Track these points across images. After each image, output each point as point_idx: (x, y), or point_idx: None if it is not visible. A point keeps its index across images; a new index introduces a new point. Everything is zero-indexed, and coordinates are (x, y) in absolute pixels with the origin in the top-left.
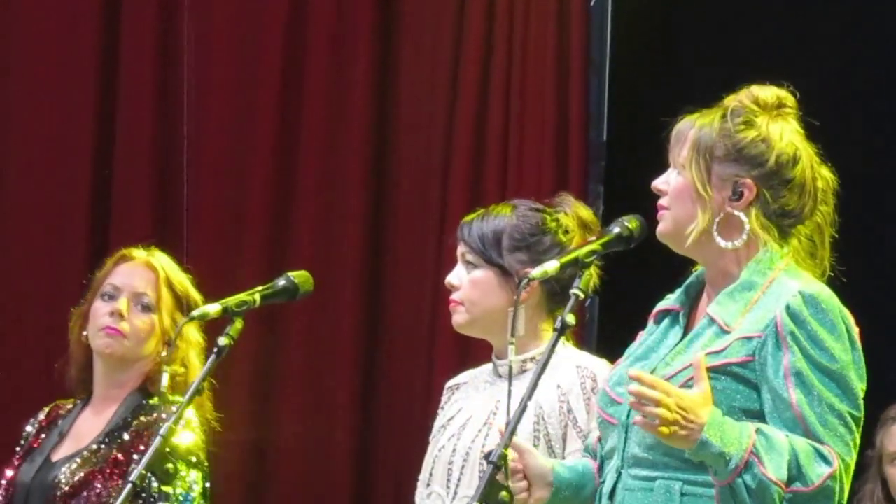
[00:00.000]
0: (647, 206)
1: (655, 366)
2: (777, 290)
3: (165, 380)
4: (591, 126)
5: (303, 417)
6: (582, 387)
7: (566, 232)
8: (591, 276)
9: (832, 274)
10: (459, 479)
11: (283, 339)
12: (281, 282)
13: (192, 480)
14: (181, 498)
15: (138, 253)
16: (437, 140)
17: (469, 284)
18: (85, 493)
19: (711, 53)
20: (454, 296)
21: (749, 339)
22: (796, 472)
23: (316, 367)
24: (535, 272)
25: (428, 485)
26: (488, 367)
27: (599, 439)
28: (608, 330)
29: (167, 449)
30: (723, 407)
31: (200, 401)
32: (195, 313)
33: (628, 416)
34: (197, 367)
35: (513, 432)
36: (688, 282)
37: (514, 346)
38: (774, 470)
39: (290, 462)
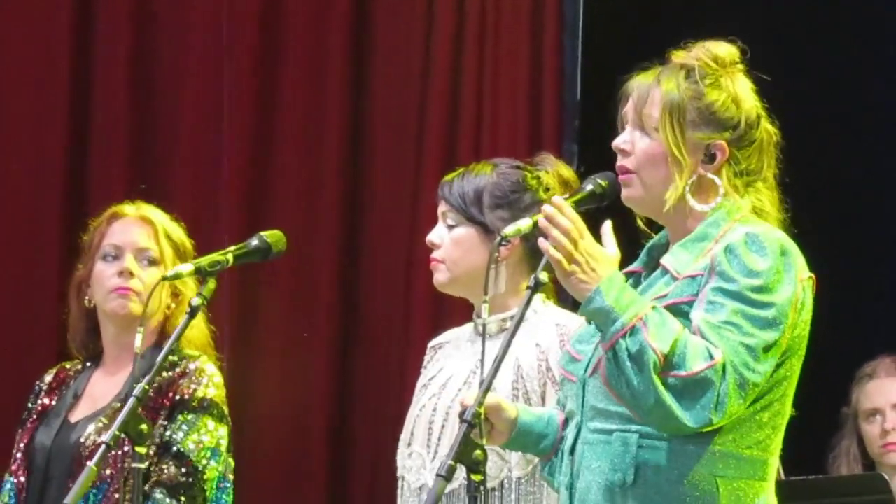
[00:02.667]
0: None
1: None
2: (727, 237)
3: (139, 340)
4: (565, 86)
5: (280, 381)
6: (560, 344)
7: (546, 189)
8: None
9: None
10: (440, 439)
11: (261, 299)
12: (254, 241)
13: (220, 435)
14: (209, 452)
15: (129, 209)
16: (411, 101)
17: (450, 243)
18: (112, 453)
19: (685, 12)
20: (435, 254)
21: (693, 277)
22: (680, 357)
23: (293, 327)
24: (509, 230)
25: (409, 444)
26: (470, 326)
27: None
28: None
29: (193, 404)
30: None
31: (208, 350)
32: (168, 273)
33: (585, 370)
34: (200, 320)
35: (487, 390)
36: (650, 243)
37: (487, 304)
38: (658, 341)
39: (268, 427)
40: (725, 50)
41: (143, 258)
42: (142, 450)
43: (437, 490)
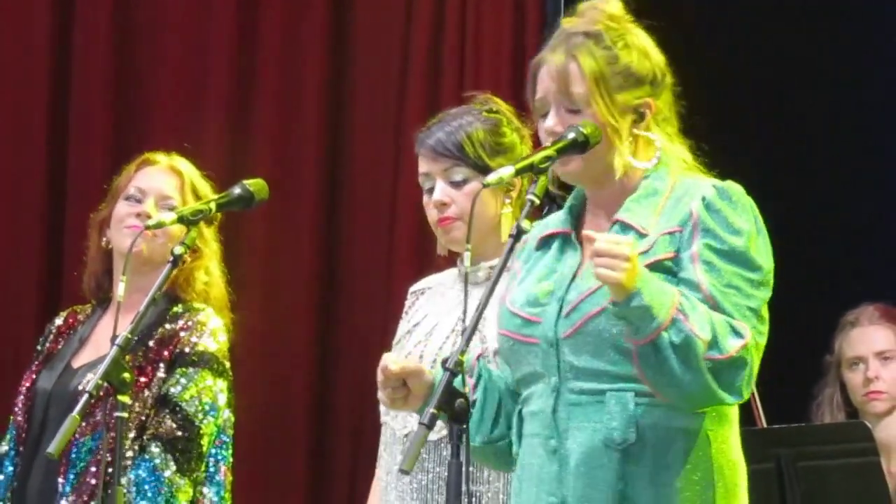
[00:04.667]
0: None
1: (568, 280)
2: (684, 189)
3: (121, 289)
4: (547, 37)
5: (261, 326)
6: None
7: (517, 129)
8: (546, 181)
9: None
10: None
11: (242, 250)
12: (236, 190)
13: (218, 389)
14: (207, 407)
15: (161, 157)
16: (393, 55)
17: (466, 198)
18: (110, 401)
19: None
20: (448, 213)
21: (672, 234)
22: (713, 339)
23: (275, 280)
24: (490, 178)
25: None
26: (453, 272)
27: (479, 357)
28: None
29: (193, 358)
30: None
31: (222, 307)
32: (150, 222)
33: (556, 332)
34: (217, 276)
35: (470, 337)
36: (569, 204)
37: (469, 252)
38: (699, 328)
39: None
40: (615, 6)
41: (164, 205)
42: (125, 398)
43: (420, 438)
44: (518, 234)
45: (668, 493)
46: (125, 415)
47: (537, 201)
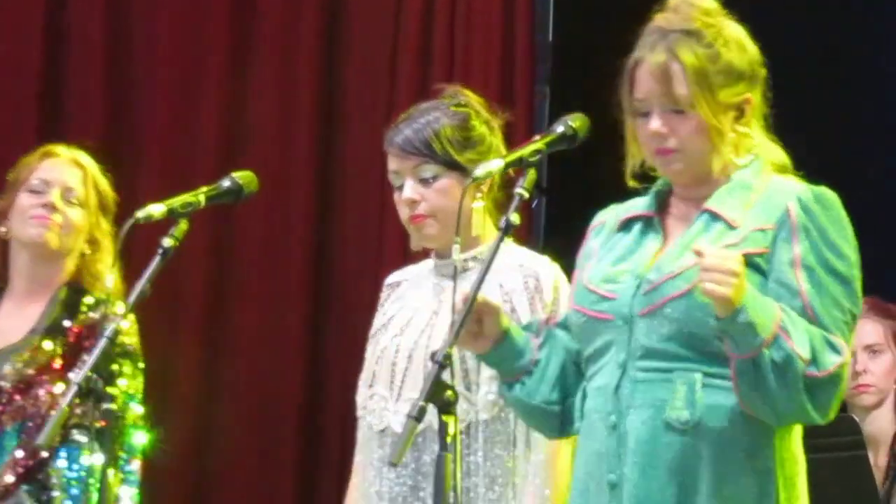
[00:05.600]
0: (591, 106)
1: (648, 261)
2: (776, 188)
3: (111, 281)
4: (537, 27)
5: (252, 321)
6: (525, 286)
7: (487, 122)
8: (535, 175)
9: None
10: (403, 380)
11: (234, 244)
12: (225, 182)
13: (140, 381)
14: (130, 399)
15: (62, 149)
16: (384, 40)
17: (437, 195)
18: (33, 391)
19: None
20: (419, 210)
21: (763, 230)
22: (813, 355)
23: (266, 274)
24: (480, 172)
25: (370, 385)
26: (429, 264)
27: (548, 323)
28: (557, 230)
29: (117, 349)
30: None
31: (121, 299)
32: (140, 214)
33: (631, 308)
34: (119, 277)
35: (458, 332)
36: (656, 189)
37: (458, 245)
38: (800, 346)
39: (241, 375)
40: (707, 1)
41: (69, 197)
42: (113, 390)
43: (408, 431)
44: (507, 228)
45: (727, 478)
46: (114, 406)
47: (526, 195)
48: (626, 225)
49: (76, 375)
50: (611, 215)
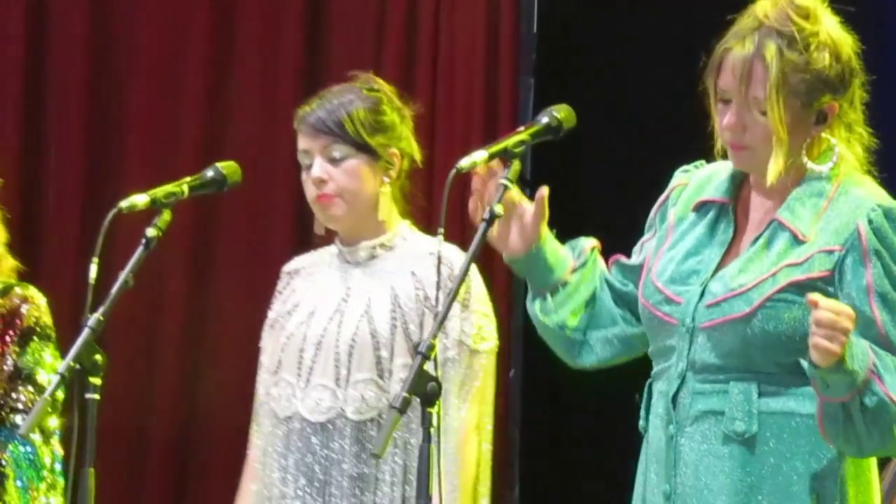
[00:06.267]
0: (576, 97)
1: (714, 263)
2: (847, 199)
3: (93, 272)
4: (522, 18)
5: (238, 307)
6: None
7: (398, 109)
8: (519, 166)
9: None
10: (312, 367)
11: (219, 232)
12: (209, 173)
13: (57, 364)
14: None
15: None
16: (368, 32)
17: (345, 176)
18: None
19: None
20: (326, 189)
21: (830, 252)
22: None
23: (251, 261)
24: (464, 163)
25: (275, 372)
26: (330, 251)
27: (594, 248)
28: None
29: (40, 331)
30: (809, 322)
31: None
32: (123, 204)
33: (694, 319)
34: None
35: (441, 323)
36: (732, 172)
37: (442, 235)
38: (893, 389)
39: (225, 362)
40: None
41: None
42: (95, 380)
43: (392, 422)
44: (491, 219)
45: (792, 483)
46: (97, 397)
47: (510, 186)
48: (700, 207)
49: (60, 365)
50: (693, 183)
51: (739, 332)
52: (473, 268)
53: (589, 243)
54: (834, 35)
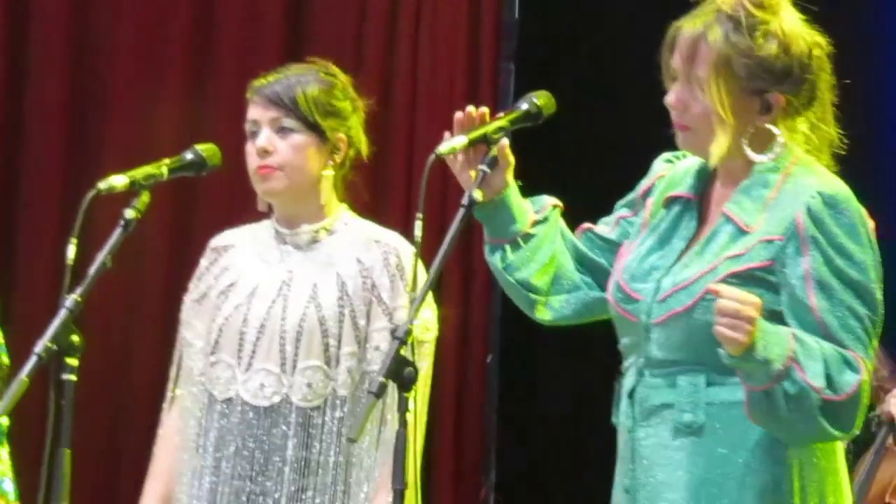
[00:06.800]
0: (557, 84)
1: (672, 261)
2: (793, 188)
3: (71, 252)
4: (503, 4)
5: None
6: (385, 262)
7: (352, 99)
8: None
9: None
10: (254, 351)
11: (199, 216)
12: (188, 155)
13: None
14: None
15: None
16: (349, 17)
17: (291, 150)
18: None
19: None
20: (269, 161)
21: (770, 241)
22: (829, 380)
23: None
24: (443, 148)
25: (212, 353)
26: (263, 231)
27: (555, 207)
28: None
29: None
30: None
31: None
32: (101, 185)
33: (649, 315)
34: None
35: (418, 308)
36: (698, 167)
37: (421, 221)
38: (814, 377)
39: None
40: None
41: None
42: (72, 361)
43: (369, 407)
44: (470, 205)
45: (744, 474)
46: (73, 378)
47: (489, 171)
48: (669, 203)
49: (37, 346)
50: (669, 176)
51: (684, 326)
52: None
53: (550, 200)
54: (787, 28)
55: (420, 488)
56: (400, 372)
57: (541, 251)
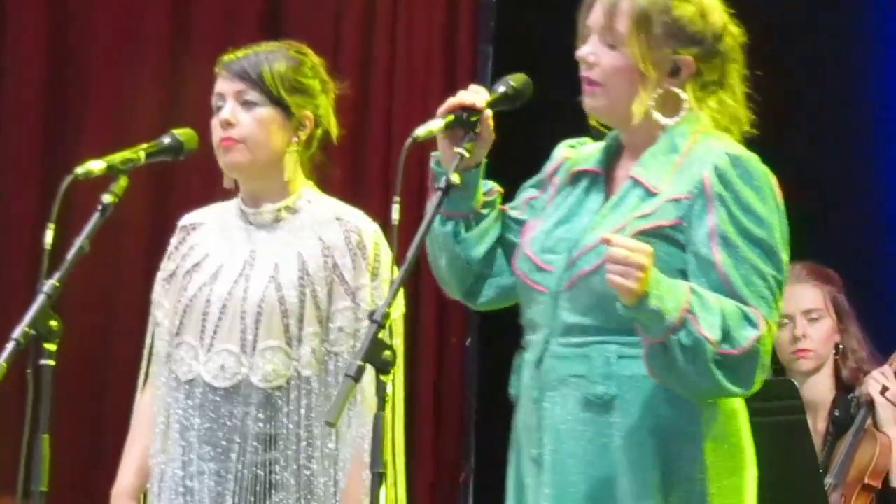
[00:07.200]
0: (535, 67)
1: (582, 231)
2: (700, 151)
3: (49, 237)
4: None
5: None
6: (346, 241)
7: (323, 81)
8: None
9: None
10: (216, 332)
11: (174, 199)
12: (166, 139)
13: None
14: None
15: None
16: (327, 7)
17: (254, 123)
18: None
19: None
20: (231, 133)
21: (678, 200)
22: (727, 334)
23: None
24: (420, 131)
25: (177, 334)
26: (230, 209)
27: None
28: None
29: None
30: (658, 269)
31: None
32: (79, 170)
33: (559, 284)
34: None
35: (396, 292)
36: (605, 143)
37: (398, 204)
38: (709, 328)
39: None
40: None
41: None
42: (51, 346)
43: (346, 391)
44: (447, 189)
45: (650, 448)
46: (52, 363)
47: (467, 154)
48: (574, 178)
49: (15, 331)
50: (573, 156)
51: (593, 286)
52: (381, 235)
53: (496, 186)
54: (710, 2)
55: (400, 468)
56: (378, 355)
57: (490, 233)
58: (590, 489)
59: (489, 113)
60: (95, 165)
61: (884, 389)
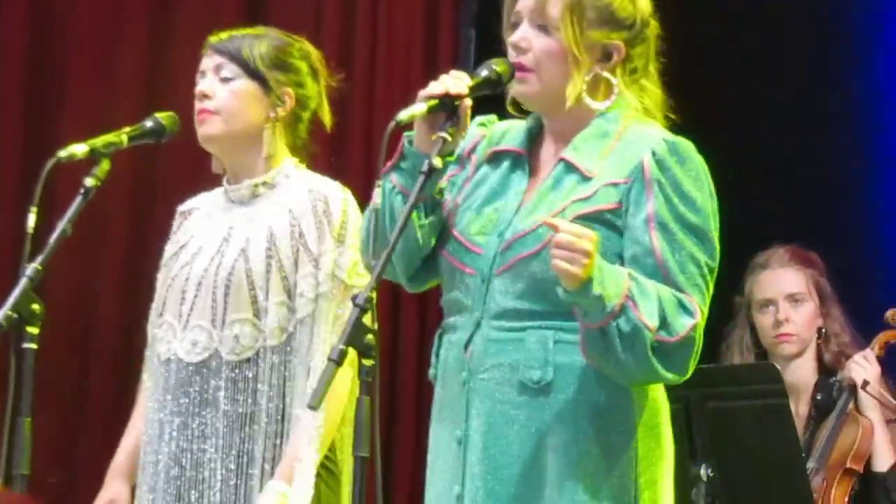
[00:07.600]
0: None
1: (512, 212)
2: (634, 137)
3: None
4: None
5: None
6: (314, 210)
7: (314, 69)
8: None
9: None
10: (192, 309)
11: (156, 183)
12: (148, 123)
13: None
14: None
15: None
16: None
17: (229, 94)
18: None
19: None
20: (207, 104)
21: (616, 185)
22: (664, 321)
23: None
24: (402, 115)
25: (161, 314)
26: (219, 192)
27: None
28: None
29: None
30: (599, 254)
31: None
32: (61, 154)
33: (491, 267)
34: None
35: (380, 273)
36: (528, 126)
37: (380, 188)
38: (648, 315)
39: None
40: None
41: None
42: (33, 330)
43: (328, 374)
44: (430, 173)
45: (582, 435)
46: (34, 346)
47: (449, 138)
48: (494, 157)
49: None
50: (488, 136)
51: (532, 270)
52: (352, 203)
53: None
54: None
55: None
56: (360, 339)
57: (440, 221)
58: (522, 470)
59: (469, 102)
60: (78, 149)
61: (864, 384)
